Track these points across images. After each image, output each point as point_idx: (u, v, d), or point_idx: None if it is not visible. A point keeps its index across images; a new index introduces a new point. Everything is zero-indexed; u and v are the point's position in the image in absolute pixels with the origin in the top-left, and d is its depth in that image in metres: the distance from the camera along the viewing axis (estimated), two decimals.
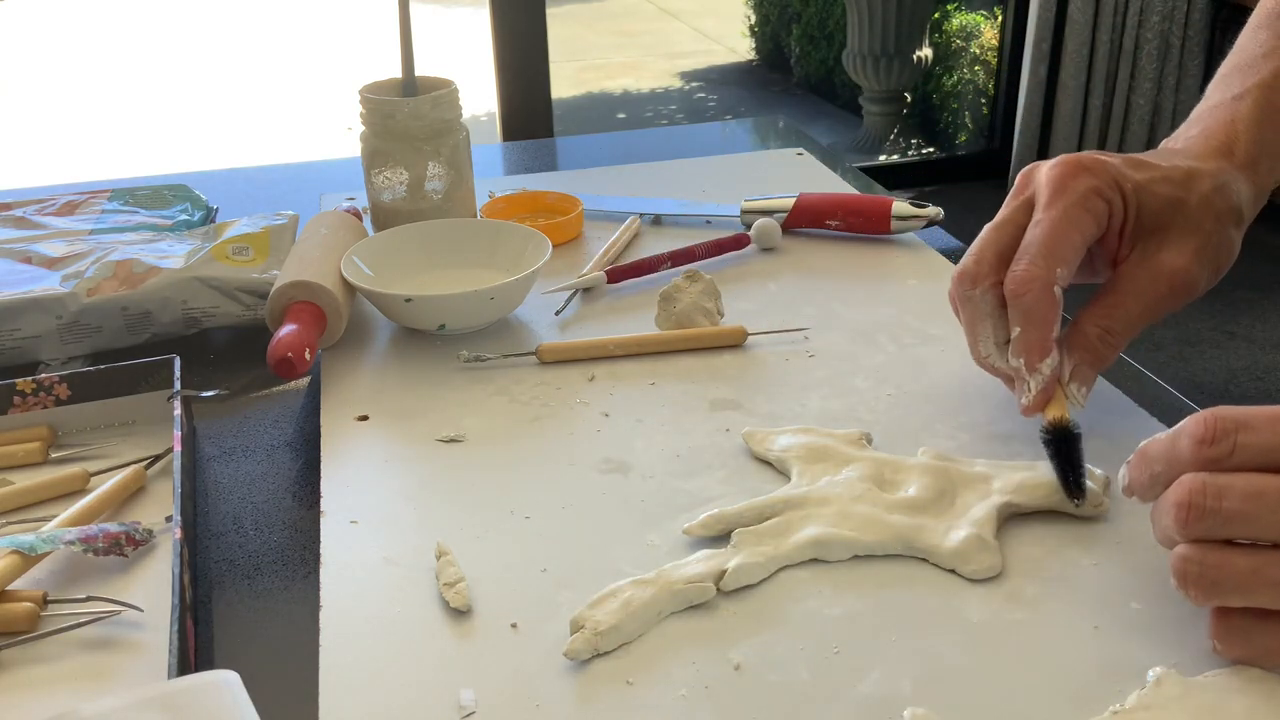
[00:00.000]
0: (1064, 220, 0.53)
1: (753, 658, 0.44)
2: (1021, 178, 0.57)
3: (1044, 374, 0.52)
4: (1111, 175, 0.54)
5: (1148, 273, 0.55)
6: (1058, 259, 0.52)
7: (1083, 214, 0.53)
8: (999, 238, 0.55)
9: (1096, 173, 0.54)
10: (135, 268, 0.72)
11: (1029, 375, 0.53)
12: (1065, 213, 0.53)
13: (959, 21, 3.91)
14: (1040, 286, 0.52)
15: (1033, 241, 0.53)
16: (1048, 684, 0.42)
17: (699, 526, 0.51)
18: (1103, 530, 0.51)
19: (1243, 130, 0.58)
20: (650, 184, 0.96)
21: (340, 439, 0.60)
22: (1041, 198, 0.54)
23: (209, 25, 6.50)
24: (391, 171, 0.77)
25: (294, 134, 4.66)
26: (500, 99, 2.06)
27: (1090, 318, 0.55)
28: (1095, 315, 0.55)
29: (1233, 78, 0.62)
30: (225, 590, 0.51)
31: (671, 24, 6.36)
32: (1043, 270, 0.52)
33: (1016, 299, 0.52)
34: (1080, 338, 0.54)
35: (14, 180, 1.46)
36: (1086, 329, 0.54)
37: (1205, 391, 2.30)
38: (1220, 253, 0.56)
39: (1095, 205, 0.53)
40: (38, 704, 0.44)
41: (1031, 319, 0.52)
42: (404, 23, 0.76)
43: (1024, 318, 0.52)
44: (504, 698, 0.43)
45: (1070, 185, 0.53)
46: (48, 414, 0.60)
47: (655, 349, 0.67)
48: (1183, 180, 0.55)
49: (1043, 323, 0.52)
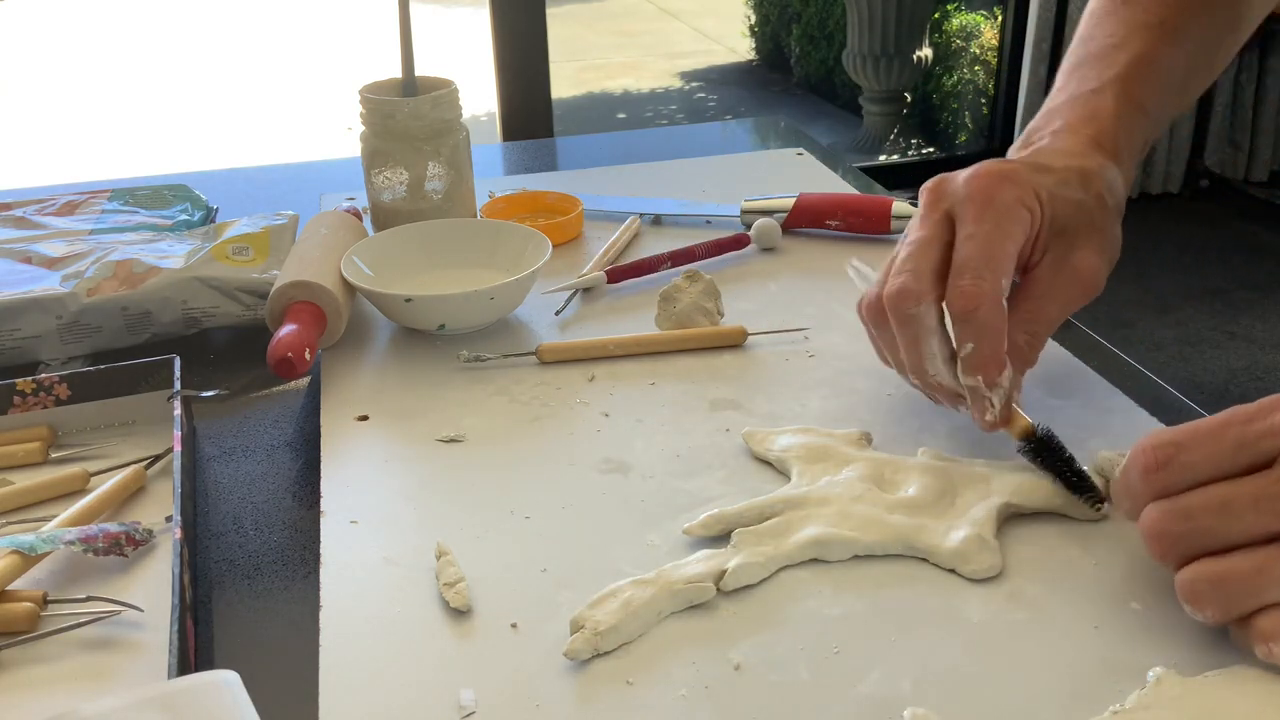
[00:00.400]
0: (998, 233, 0.52)
1: (753, 658, 0.44)
2: (931, 193, 0.56)
3: (1004, 387, 0.52)
4: (1030, 184, 0.54)
5: (1061, 275, 0.55)
6: (1000, 271, 0.52)
7: (1013, 225, 0.53)
8: (932, 255, 0.54)
9: (1017, 182, 0.54)
10: (135, 268, 0.72)
11: (989, 391, 0.52)
12: (998, 225, 0.52)
13: (959, 21, 3.91)
14: (991, 301, 0.51)
15: (972, 256, 0.52)
16: (1048, 684, 0.42)
17: (699, 526, 0.51)
18: (1103, 530, 0.51)
19: (1107, 125, 0.59)
20: (650, 184, 0.96)
21: (340, 439, 0.60)
22: (968, 211, 0.53)
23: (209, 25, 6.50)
24: (391, 171, 0.77)
25: (294, 134, 4.66)
26: (500, 99, 2.06)
27: (1016, 325, 0.54)
28: (1019, 323, 0.54)
29: (1086, 69, 0.62)
30: (225, 590, 0.51)
31: (671, 24, 6.36)
32: (990, 285, 0.51)
33: (968, 315, 0.51)
34: (1009, 346, 0.53)
35: (14, 180, 1.46)
36: (1014, 337, 0.53)
37: (1205, 391, 2.30)
38: (1114, 247, 0.57)
39: (1021, 215, 0.53)
40: (38, 704, 0.44)
41: (985, 334, 0.51)
42: (404, 23, 0.76)
43: (977, 333, 0.51)
44: (504, 698, 0.43)
45: (997, 197, 0.53)
46: (48, 414, 0.60)
47: (655, 349, 0.67)
48: (1081, 182, 0.56)
49: (996, 336, 0.51)
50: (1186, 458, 0.42)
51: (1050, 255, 0.55)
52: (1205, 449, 0.42)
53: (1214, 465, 0.41)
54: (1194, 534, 0.41)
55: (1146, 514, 0.43)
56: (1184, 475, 0.42)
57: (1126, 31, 0.62)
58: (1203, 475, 0.42)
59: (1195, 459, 0.42)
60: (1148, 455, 0.43)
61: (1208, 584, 0.41)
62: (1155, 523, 0.42)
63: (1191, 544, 0.42)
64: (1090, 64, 0.62)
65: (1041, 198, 0.54)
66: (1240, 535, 0.41)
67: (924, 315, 0.53)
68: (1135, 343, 2.56)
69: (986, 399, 0.52)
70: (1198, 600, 0.42)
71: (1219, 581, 0.41)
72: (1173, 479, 0.42)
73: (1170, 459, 0.42)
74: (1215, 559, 0.41)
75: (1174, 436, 0.43)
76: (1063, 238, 0.55)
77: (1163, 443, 0.43)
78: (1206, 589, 0.41)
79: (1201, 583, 0.41)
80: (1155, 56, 0.61)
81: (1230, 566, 0.41)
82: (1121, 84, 0.60)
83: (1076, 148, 0.58)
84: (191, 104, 5.05)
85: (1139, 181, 3.38)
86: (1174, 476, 0.42)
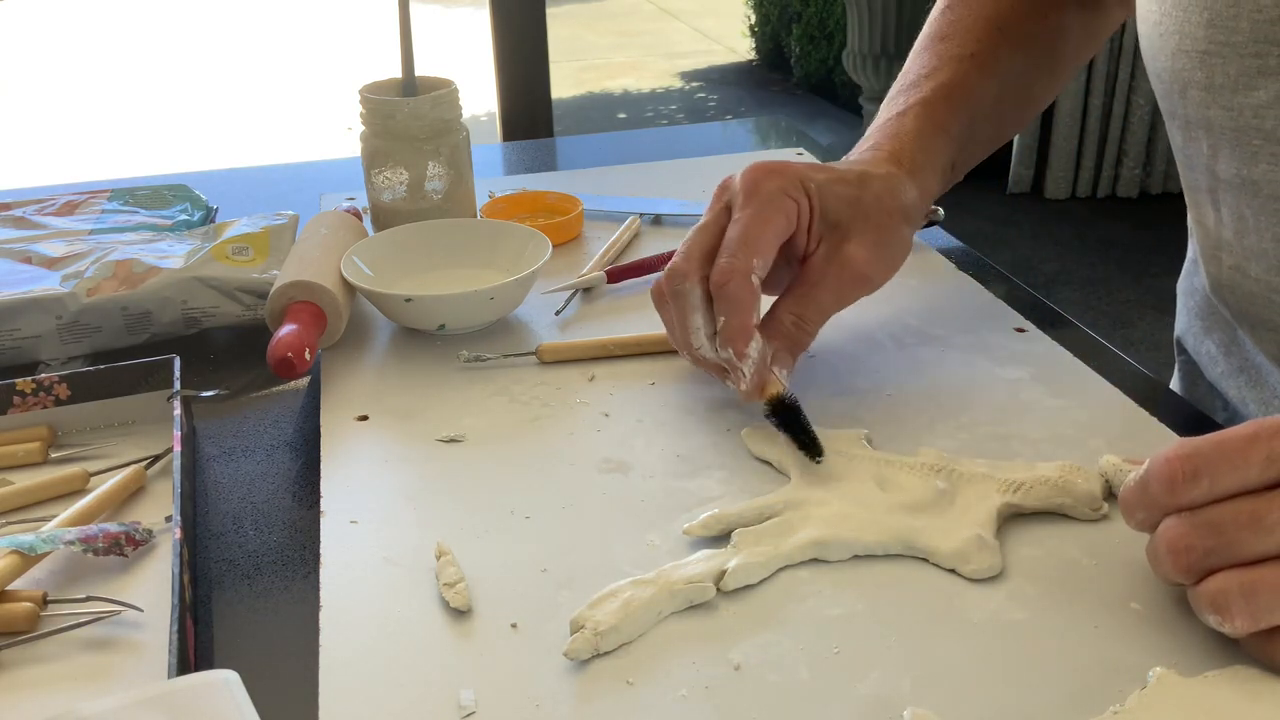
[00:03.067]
0: (758, 217, 0.57)
1: (753, 658, 0.44)
2: (720, 188, 0.61)
3: (753, 357, 0.56)
4: (797, 176, 0.59)
5: (833, 265, 0.59)
6: (754, 251, 0.56)
7: (775, 212, 0.58)
8: (704, 239, 0.59)
9: (784, 174, 0.59)
10: (135, 268, 0.72)
11: (739, 361, 0.56)
12: (759, 211, 0.58)
13: None
14: (740, 276, 0.56)
15: (732, 238, 0.57)
16: (1048, 684, 0.42)
17: (699, 526, 0.51)
18: (1103, 530, 0.51)
19: (908, 142, 0.65)
20: (650, 184, 0.96)
21: (340, 439, 0.60)
22: (737, 200, 0.59)
23: (209, 25, 6.50)
24: (391, 171, 0.77)
25: (294, 134, 4.66)
26: (500, 99, 2.06)
27: (784, 307, 0.59)
28: (788, 305, 0.59)
29: (899, 97, 0.68)
30: (225, 590, 0.51)
31: (671, 24, 6.37)
32: (742, 262, 0.56)
33: (720, 289, 0.56)
34: (776, 325, 0.59)
35: (14, 180, 1.46)
36: (782, 317, 0.59)
37: None
38: (895, 247, 0.62)
39: (784, 204, 0.58)
40: (38, 704, 0.44)
41: (734, 307, 0.56)
42: (404, 23, 0.76)
43: (727, 306, 0.56)
44: (504, 698, 0.43)
45: (762, 186, 0.58)
46: (48, 414, 0.60)
47: (655, 349, 0.67)
48: (857, 181, 0.61)
49: (743, 309, 0.56)
50: (1214, 471, 0.41)
51: (824, 246, 0.60)
52: (1232, 463, 0.41)
53: (1240, 480, 0.41)
54: (1220, 548, 0.41)
55: (1168, 527, 0.42)
56: (1209, 489, 0.41)
57: (938, 63, 0.69)
58: (1228, 489, 0.41)
59: (1221, 473, 0.41)
60: (1173, 466, 0.42)
61: (1239, 594, 0.40)
62: (1180, 537, 0.42)
63: (1217, 559, 0.41)
64: (903, 92, 0.69)
65: (809, 189, 0.59)
66: (1268, 550, 0.40)
67: (689, 292, 0.58)
68: (1135, 343, 2.56)
69: (739, 369, 0.56)
70: (1225, 611, 0.41)
71: (1251, 592, 0.40)
72: (1198, 493, 0.41)
73: (1198, 471, 0.41)
74: (1243, 569, 0.41)
75: (1199, 449, 0.42)
76: (837, 230, 0.60)
77: (1187, 455, 0.42)
78: (1238, 599, 0.41)
79: (1232, 593, 0.41)
80: (962, 84, 0.68)
81: (1260, 577, 0.40)
82: (924, 106, 0.66)
83: (869, 158, 0.64)
84: (191, 104, 5.06)
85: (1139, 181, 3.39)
86: (1199, 490, 0.41)
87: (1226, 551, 0.41)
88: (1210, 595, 0.41)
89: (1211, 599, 0.41)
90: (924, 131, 0.65)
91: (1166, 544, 0.42)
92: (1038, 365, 0.65)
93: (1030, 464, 0.54)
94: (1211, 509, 0.41)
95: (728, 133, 1.27)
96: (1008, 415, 0.60)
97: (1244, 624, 0.41)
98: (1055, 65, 0.74)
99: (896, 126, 0.66)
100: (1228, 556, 0.41)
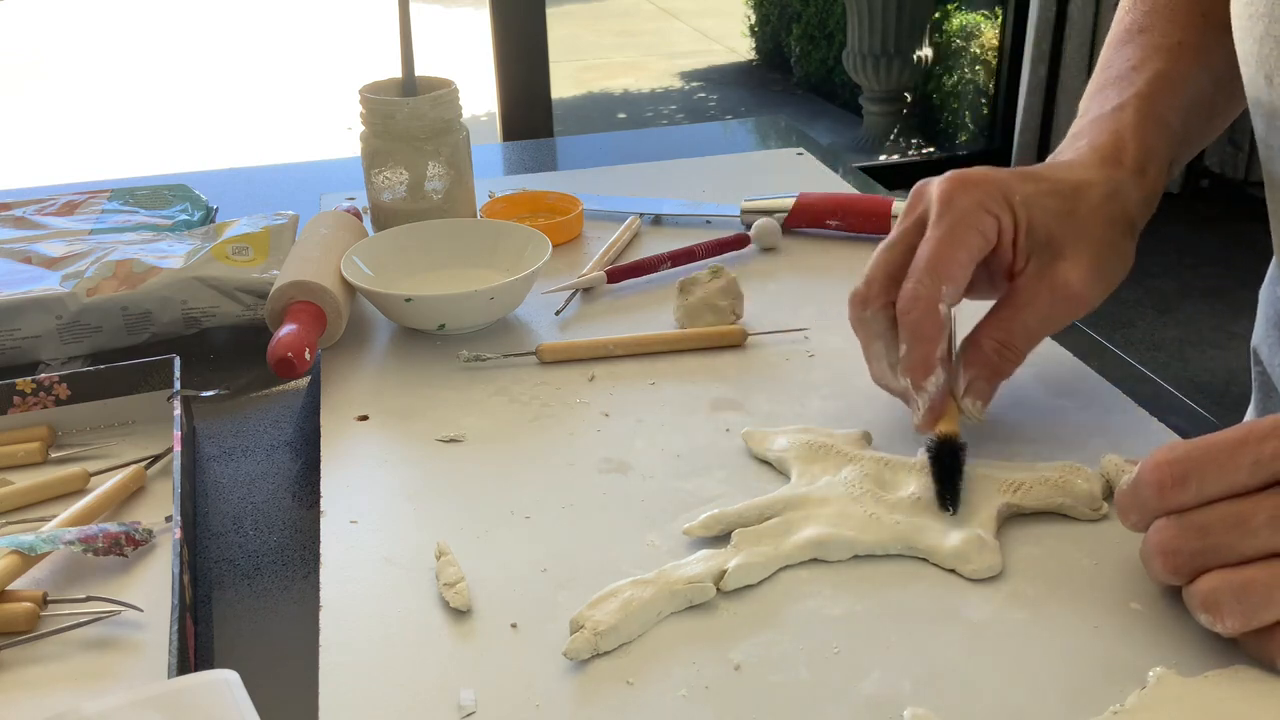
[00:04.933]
0: (949, 238, 0.52)
1: (753, 658, 0.44)
2: (913, 196, 0.56)
3: (929, 392, 0.52)
4: (998, 189, 0.54)
5: (1043, 285, 0.54)
6: (943, 277, 0.52)
7: (968, 230, 0.52)
8: (890, 259, 0.55)
9: (983, 187, 0.53)
10: (135, 268, 0.72)
11: (916, 393, 0.53)
12: (950, 230, 0.52)
13: (959, 21, 3.91)
14: (925, 305, 0.51)
15: (921, 261, 0.52)
16: (1048, 684, 0.42)
17: (699, 526, 0.51)
18: (1103, 530, 0.51)
19: (1129, 138, 0.58)
20: (650, 184, 0.96)
21: (340, 439, 0.60)
22: (930, 215, 0.54)
23: (209, 25, 6.50)
24: (391, 171, 0.77)
25: (294, 134, 4.66)
26: (500, 99, 2.06)
27: (986, 331, 0.54)
28: (991, 329, 0.54)
29: (1108, 91, 0.62)
30: (225, 590, 0.51)
31: (671, 24, 6.36)
32: (928, 289, 0.52)
33: (903, 317, 0.52)
34: (975, 352, 0.54)
35: (14, 180, 1.46)
36: (982, 343, 0.54)
37: (1205, 392, 2.30)
38: (1115, 262, 0.55)
39: (981, 221, 0.53)
40: (38, 704, 0.44)
41: (917, 337, 0.52)
42: (404, 23, 0.76)
43: (910, 336, 0.52)
44: (504, 698, 0.43)
45: (955, 202, 0.53)
46: (47, 414, 0.60)
47: (655, 349, 0.67)
48: (1071, 192, 0.55)
49: (927, 340, 0.52)
50: (1201, 475, 0.41)
51: (1034, 263, 0.54)
52: (1220, 467, 0.41)
53: (1228, 483, 0.41)
54: (1208, 550, 0.41)
55: (1158, 530, 0.43)
56: (1198, 492, 0.42)
57: (1144, 55, 0.62)
58: (1216, 493, 0.41)
59: (1210, 477, 0.41)
60: (1162, 471, 0.42)
61: (1230, 594, 0.41)
62: (1170, 539, 0.42)
63: (1206, 560, 0.41)
64: (1111, 86, 0.62)
65: (1013, 203, 0.54)
66: (1254, 551, 0.40)
67: (871, 320, 0.54)
68: (1135, 343, 2.56)
69: (915, 400, 0.53)
70: (1217, 610, 0.41)
71: (1241, 591, 0.41)
72: (1187, 496, 0.42)
73: (1186, 476, 0.42)
74: (1234, 569, 0.41)
75: (1188, 453, 0.42)
76: (1048, 248, 0.54)
77: (1176, 459, 0.42)
78: (1228, 599, 0.41)
79: (1223, 593, 0.41)
80: (1176, 73, 0.61)
81: (1251, 576, 0.40)
82: (1142, 99, 0.60)
83: (1086, 161, 0.57)
84: (191, 104, 5.06)
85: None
86: (1188, 494, 0.42)
87: (1214, 553, 0.41)
88: (1202, 595, 0.42)
89: (1203, 599, 0.42)
90: (1145, 126, 0.59)
91: (1156, 546, 0.43)
92: (1038, 365, 0.65)
93: (1030, 464, 0.54)
94: (1199, 512, 0.42)
95: (728, 133, 1.27)
96: (1008, 415, 0.59)
97: (1235, 623, 0.41)
98: None
99: (1114, 122, 0.59)
100: (1216, 558, 0.41)
